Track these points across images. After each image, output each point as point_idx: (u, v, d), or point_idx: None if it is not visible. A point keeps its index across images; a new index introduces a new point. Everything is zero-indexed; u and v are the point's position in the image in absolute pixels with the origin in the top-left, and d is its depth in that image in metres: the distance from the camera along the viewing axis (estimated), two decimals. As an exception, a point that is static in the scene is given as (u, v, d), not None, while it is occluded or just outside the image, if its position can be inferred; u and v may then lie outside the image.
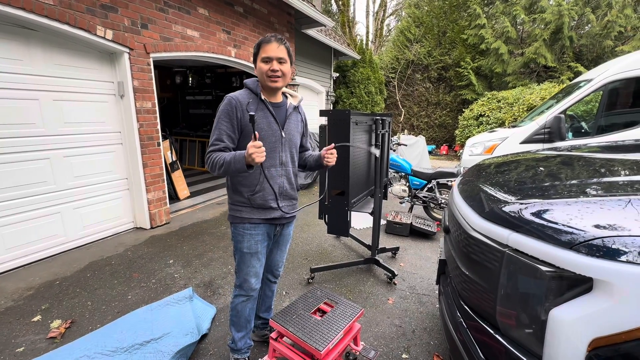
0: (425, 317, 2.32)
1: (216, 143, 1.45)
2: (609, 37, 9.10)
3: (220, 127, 1.44)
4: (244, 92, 1.50)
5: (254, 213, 1.55)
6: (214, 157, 1.41)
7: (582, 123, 4.46)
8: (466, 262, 1.32)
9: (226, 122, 1.44)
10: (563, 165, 1.72)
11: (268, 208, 1.56)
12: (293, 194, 1.68)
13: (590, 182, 1.28)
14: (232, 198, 1.58)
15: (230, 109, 1.43)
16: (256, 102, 1.48)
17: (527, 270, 1.00)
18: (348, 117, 2.22)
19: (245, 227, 1.57)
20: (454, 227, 1.53)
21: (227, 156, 1.37)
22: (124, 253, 3.19)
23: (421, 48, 12.65)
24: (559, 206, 1.04)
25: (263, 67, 1.43)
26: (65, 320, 2.16)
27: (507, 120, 8.04)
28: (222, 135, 1.45)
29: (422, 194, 4.30)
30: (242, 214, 1.55)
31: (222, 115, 1.44)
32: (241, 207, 1.55)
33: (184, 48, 3.96)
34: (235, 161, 1.34)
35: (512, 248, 1.07)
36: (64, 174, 3.13)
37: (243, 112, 1.44)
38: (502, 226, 1.12)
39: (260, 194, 1.53)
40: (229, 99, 1.45)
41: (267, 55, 1.42)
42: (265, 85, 1.48)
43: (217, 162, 1.39)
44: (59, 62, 3.00)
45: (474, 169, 2.05)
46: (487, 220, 1.21)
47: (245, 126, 1.46)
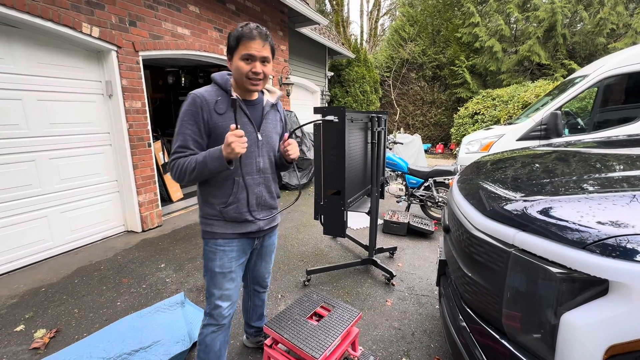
0: (425, 319, 2.26)
1: (180, 151, 1.24)
2: (602, 34, 9.15)
3: (185, 132, 1.23)
4: (211, 89, 1.28)
5: (228, 227, 1.35)
6: (180, 162, 1.22)
7: (579, 119, 4.44)
8: (468, 263, 1.26)
9: (191, 124, 1.23)
10: (566, 161, 1.67)
11: (244, 221, 1.36)
12: (273, 202, 1.49)
13: (598, 178, 1.23)
14: (202, 210, 1.37)
15: (195, 110, 1.23)
16: (226, 100, 1.28)
17: (535, 272, 0.94)
18: (343, 114, 2.15)
19: (217, 243, 1.36)
20: (455, 226, 1.46)
21: (198, 157, 1.19)
22: (114, 258, 3.09)
23: (416, 47, 12.64)
24: (568, 203, 0.98)
25: (243, 66, 1.22)
26: (49, 330, 2.07)
27: (502, 118, 8.03)
28: (188, 141, 1.24)
29: (419, 192, 4.25)
30: (214, 228, 1.34)
31: (185, 117, 1.23)
32: (212, 220, 1.35)
33: (175, 46, 3.87)
34: (210, 159, 1.17)
35: (518, 248, 1.01)
36: (50, 176, 3.02)
37: (210, 112, 1.24)
38: (507, 225, 1.06)
39: (234, 205, 1.33)
40: (193, 97, 1.23)
41: (248, 53, 1.21)
42: (242, 86, 1.28)
43: (186, 166, 1.20)
44: (43, 61, 2.90)
45: (473, 167, 1.99)
46: (490, 219, 1.14)
47: (214, 128, 1.26)
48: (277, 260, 3.12)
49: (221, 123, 1.25)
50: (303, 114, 7.39)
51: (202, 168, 1.19)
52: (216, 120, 1.25)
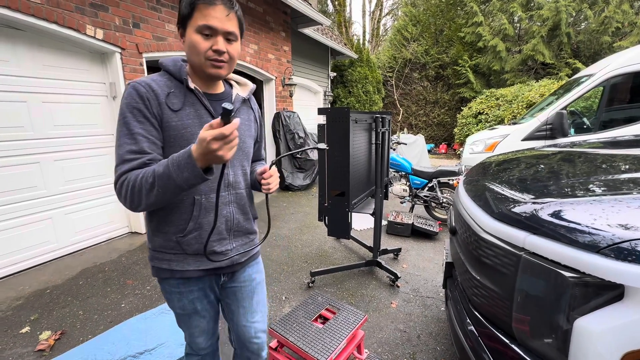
0: (431, 322, 2.24)
1: (130, 158, 0.85)
2: (607, 33, 9.07)
3: (133, 131, 0.86)
4: (160, 78, 0.94)
5: (188, 263, 1.01)
6: (131, 178, 0.83)
7: (584, 119, 4.40)
8: (477, 266, 1.24)
9: (140, 121, 0.87)
10: (574, 163, 1.64)
11: (209, 253, 1.02)
12: (249, 226, 1.13)
13: (608, 180, 1.21)
14: (152, 242, 1.02)
15: (141, 101, 0.87)
16: (181, 93, 0.94)
17: (546, 276, 0.92)
18: (347, 115, 2.14)
19: (173, 284, 1.04)
20: (462, 228, 1.45)
21: (156, 168, 0.81)
22: (118, 259, 3.09)
23: (418, 47, 12.60)
24: (580, 205, 0.96)
25: (199, 42, 0.88)
26: (55, 332, 2.07)
27: (506, 117, 7.99)
28: (141, 143, 0.86)
29: (423, 193, 4.22)
30: (172, 264, 1.00)
31: (129, 114, 0.87)
32: (166, 254, 1.00)
33: (178, 48, 3.87)
34: (176, 167, 0.77)
35: (529, 251, 0.99)
36: (55, 178, 3.03)
37: (161, 106, 0.90)
38: (517, 228, 1.04)
39: (195, 234, 0.98)
40: (135, 86, 0.88)
41: (207, 24, 0.86)
42: (200, 71, 0.94)
43: (140, 183, 0.81)
44: (47, 63, 2.91)
45: (479, 168, 1.97)
46: (499, 221, 1.13)
47: (166, 130, 0.91)
48: (281, 262, 3.11)
49: (175, 123, 0.91)
50: (306, 115, 7.38)
51: (164, 183, 0.79)
52: (169, 119, 0.91)
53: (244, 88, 1.14)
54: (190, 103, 0.95)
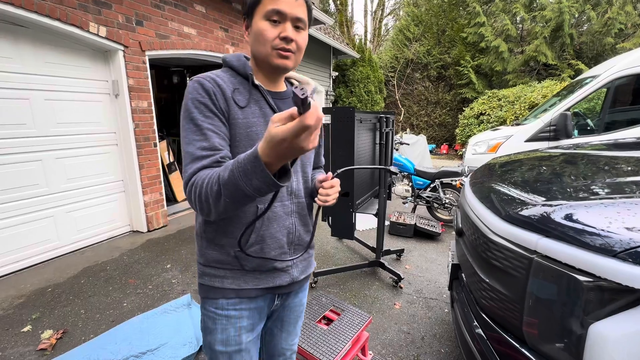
0: (434, 323, 2.23)
1: (202, 155, 0.75)
2: (610, 34, 9.05)
3: (202, 126, 0.77)
4: (224, 74, 0.86)
5: (247, 280, 0.89)
6: (199, 181, 0.70)
7: (588, 120, 4.38)
8: (486, 268, 1.22)
9: (207, 116, 0.78)
10: (583, 164, 1.63)
11: (270, 270, 0.91)
12: (308, 239, 1.00)
13: (621, 182, 1.19)
14: (204, 256, 0.90)
15: (207, 95, 0.78)
16: (246, 90, 0.86)
17: (560, 280, 0.90)
18: (352, 115, 2.12)
19: (222, 306, 0.89)
20: (470, 230, 1.43)
21: (222, 172, 0.66)
22: (120, 258, 3.08)
23: (420, 47, 12.58)
24: (594, 208, 0.95)
25: (267, 29, 0.80)
26: (56, 331, 2.05)
27: (508, 118, 7.97)
28: (212, 138, 0.77)
29: (426, 193, 4.21)
30: (225, 282, 0.88)
31: (194, 110, 0.77)
32: (221, 269, 0.89)
33: (181, 46, 3.86)
34: (244, 172, 0.61)
35: (541, 254, 0.97)
36: (57, 176, 3.02)
37: (227, 101, 0.81)
38: (528, 230, 1.03)
39: (256, 247, 0.87)
40: (199, 81, 0.80)
41: (276, 9, 0.78)
42: (265, 63, 0.85)
43: (207, 188, 0.68)
44: (50, 60, 2.89)
45: (485, 169, 1.95)
46: (509, 223, 1.11)
47: (235, 126, 0.82)
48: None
49: (241, 120, 0.82)
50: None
51: (231, 192, 0.64)
52: (236, 115, 0.82)
53: (307, 87, 1.02)
54: (254, 100, 0.87)
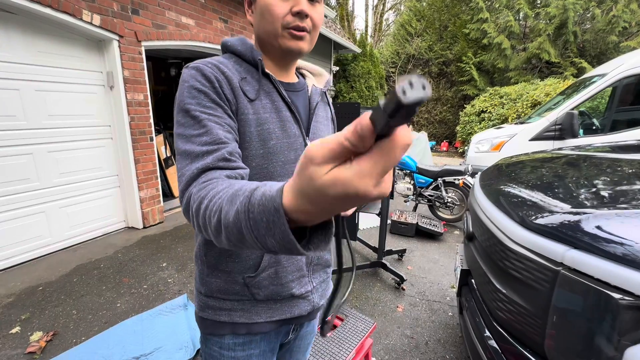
0: (438, 327, 2.16)
1: (201, 151, 0.56)
2: (614, 32, 8.95)
3: (200, 117, 0.59)
4: (228, 60, 0.69)
5: (259, 312, 0.73)
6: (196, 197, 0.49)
7: (594, 120, 4.30)
8: (502, 278, 1.15)
9: (207, 106, 0.61)
10: (607, 168, 1.55)
11: (287, 298, 0.75)
12: (327, 256, 0.84)
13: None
14: (206, 284, 0.73)
15: (208, 82, 0.62)
16: (254, 79, 0.69)
17: (590, 296, 0.83)
18: (357, 110, 2.03)
19: (229, 345, 0.74)
20: (483, 235, 1.35)
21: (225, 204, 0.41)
22: (114, 255, 2.99)
23: (422, 42, 12.44)
24: (630, 219, 0.87)
25: (275, 4, 0.65)
26: (46, 333, 1.97)
27: (510, 116, 7.89)
28: (214, 129, 0.59)
29: (428, 192, 4.13)
30: (232, 315, 0.72)
31: (190, 101, 0.60)
32: (227, 301, 0.72)
33: (179, 37, 3.73)
34: (254, 223, 0.35)
35: (568, 267, 0.90)
36: (49, 170, 2.91)
37: (235, 91, 0.64)
38: (554, 240, 0.95)
39: (270, 271, 0.72)
40: (197, 67, 0.63)
41: None
42: (274, 47, 0.69)
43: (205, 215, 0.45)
44: (42, 50, 2.77)
45: (496, 170, 1.87)
46: (531, 231, 1.03)
47: (244, 122, 0.65)
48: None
49: (252, 116, 0.66)
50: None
51: (235, 237, 0.40)
52: (245, 109, 0.65)
53: (319, 79, 0.85)
54: (265, 92, 0.69)
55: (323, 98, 0.85)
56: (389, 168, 0.26)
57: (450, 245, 3.50)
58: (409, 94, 0.19)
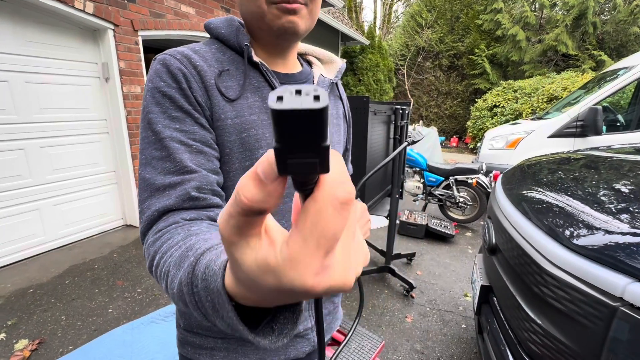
0: (451, 342, 1.99)
1: (163, 183, 0.47)
2: (636, 23, 8.51)
3: (162, 134, 0.48)
4: (207, 47, 0.57)
5: (246, 353, 0.60)
6: (152, 249, 0.42)
7: (619, 116, 4.03)
8: (537, 306, 0.97)
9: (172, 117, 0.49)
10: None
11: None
12: None
13: None
14: (186, 316, 0.61)
15: (174, 83, 0.50)
16: (239, 71, 0.56)
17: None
18: (366, 105, 1.85)
19: None
20: (511, 251, 1.17)
21: (173, 266, 0.35)
22: (109, 255, 2.88)
23: (433, 34, 12.05)
24: None
25: None
26: (32, 341, 1.86)
27: (525, 111, 7.58)
28: (178, 153, 0.48)
29: (438, 191, 3.93)
30: (214, 356, 0.60)
31: (154, 108, 0.49)
32: (209, 338, 0.60)
33: (178, 26, 3.56)
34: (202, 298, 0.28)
35: (629, 304, 0.71)
36: (42, 166, 2.79)
37: (209, 90, 0.52)
38: (609, 268, 0.77)
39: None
40: (164, 60, 0.51)
41: None
42: (262, 28, 0.55)
43: (160, 272, 0.37)
44: (32, 39, 2.62)
45: (520, 172, 1.67)
46: (579, 255, 0.85)
47: (221, 129, 0.53)
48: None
49: (231, 121, 0.53)
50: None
51: (184, 306, 0.32)
52: (222, 113, 0.52)
53: (329, 67, 0.70)
54: (253, 87, 0.56)
55: (333, 90, 0.71)
56: (327, 244, 0.17)
57: (462, 248, 3.31)
58: (285, 103, 0.14)
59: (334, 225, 0.17)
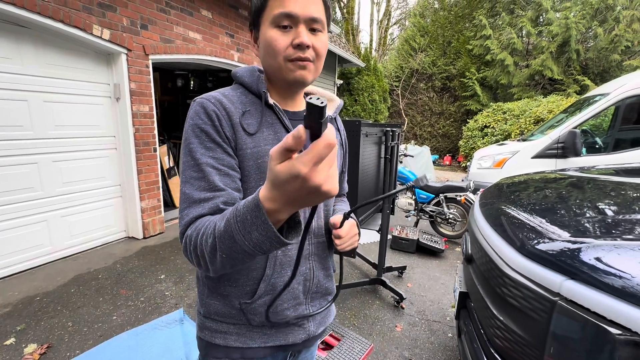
0: (438, 349, 2.12)
1: (200, 198, 0.63)
2: (616, 51, 9.02)
3: (200, 160, 0.65)
4: (232, 92, 0.73)
5: (254, 337, 0.75)
6: (194, 232, 0.59)
7: (597, 139, 4.30)
8: (500, 305, 1.13)
9: (208, 147, 0.66)
10: (612, 193, 1.54)
11: (282, 325, 0.77)
12: (329, 285, 0.85)
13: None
14: (205, 306, 0.76)
15: (209, 121, 0.66)
16: (258, 111, 0.72)
17: (587, 329, 0.81)
18: (359, 129, 2.05)
19: None
20: (481, 259, 1.34)
21: (219, 220, 0.54)
22: (113, 266, 2.99)
23: (426, 57, 12.59)
24: (629, 252, 0.86)
25: (277, 39, 0.65)
26: (41, 345, 1.96)
27: (513, 132, 7.90)
28: (211, 175, 0.64)
29: (429, 208, 4.11)
30: (228, 339, 0.75)
31: (194, 140, 0.66)
32: (223, 324, 0.75)
33: (185, 50, 3.81)
34: (242, 223, 0.48)
35: (565, 298, 0.88)
36: (53, 179, 2.95)
37: (234, 127, 0.68)
38: (551, 269, 0.94)
39: (266, 298, 0.73)
40: (202, 103, 0.68)
41: (285, 12, 0.64)
42: (279, 78, 0.71)
43: (201, 241, 0.56)
44: (51, 62, 2.84)
45: (496, 190, 1.87)
46: (529, 259, 1.02)
47: (242, 158, 0.69)
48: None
49: (251, 150, 0.69)
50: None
51: (228, 247, 0.51)
52: (244, 145, 0.68)
53: (330, 104, 0.84)
54: (268, 124, 0.72)
55: (332, 124, 0.86)
56: (318, 158, 0.38)
57: (451, 262, 3.46)
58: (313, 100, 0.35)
59: (325, 151, 0.38)
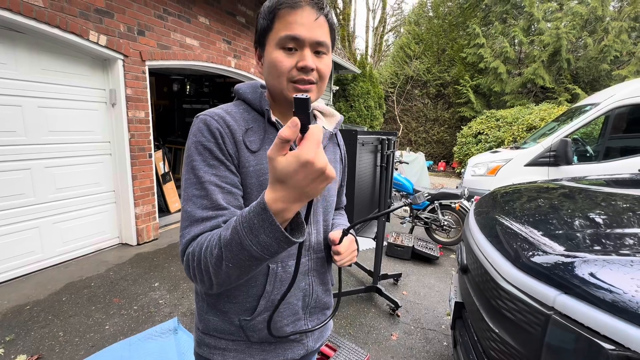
0: (433, 358, 2.12)
1: (202, 217, 0.62)
2: (606, 61, 9.24)
3: (203, 178, 0.64)
4: (235, 109, 0.73)
5: (252, 354, 0.74)
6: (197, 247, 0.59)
7: (588, 147, 4.38)
8: (495, 317, 1.14)
9: (211, 165, 0.65)
10: (607, 206, 1.56)
11: (280, 341, 0.77)
12: (327, 300, 0.85)
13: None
14: (205, 321, 0.75)
15: (212, 139, 0.65)
16: (260, 128, 0.72)
17: (580, 343, 0.83)
18: (355, 138, 2.06)
19: None
20: (477, 270, 1.35)
21: (223, 231, 0.55)
22: (106, 273, 2.95)
23: (420, 64, 12.75)
24: (623, 267, 0.88)
25: (281, 60, 0.66)
26: (30, 356, 1.92)
27: (506, 139, 8.01)
28: (214, 194, 0.63)
29: (424, 215, 4.14)
30: (226, 355, 0.74)
31: (196, 157, 0.65)
32: (222, 340, 0.74)
33: (182, 57, 3.82)
34: (249, 228, 0.49)
35: (559, 312, 0.90)
36: (45, 185, 2.91)
37: (237, 145, 0.67)
38: (545, 283, 0.95)
39: (266, 315, 0.72)
40: (205, 120, 0.67)
41: (291, 35, 0.64)
42: (282, 98, 0.70)
43: (205, 254, 0.56)
44: (46, 67, 2.82)
45: (491, 199, 1.89)
46: (523, 272, 1.04)
47: (245, 175, 0.68)
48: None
49: (253, 168, 0.68)
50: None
51: (234, 255, 0.52)
52: (246, 162, 0.68)
53: (330, 120, 0.87)
54: (270, 141, 0.71)
55: (332, 139, 0.88)
56: (318, 143, 0.45)
57: (446, 269, 3.48)
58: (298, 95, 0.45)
59: (320, 135, 0.45)
